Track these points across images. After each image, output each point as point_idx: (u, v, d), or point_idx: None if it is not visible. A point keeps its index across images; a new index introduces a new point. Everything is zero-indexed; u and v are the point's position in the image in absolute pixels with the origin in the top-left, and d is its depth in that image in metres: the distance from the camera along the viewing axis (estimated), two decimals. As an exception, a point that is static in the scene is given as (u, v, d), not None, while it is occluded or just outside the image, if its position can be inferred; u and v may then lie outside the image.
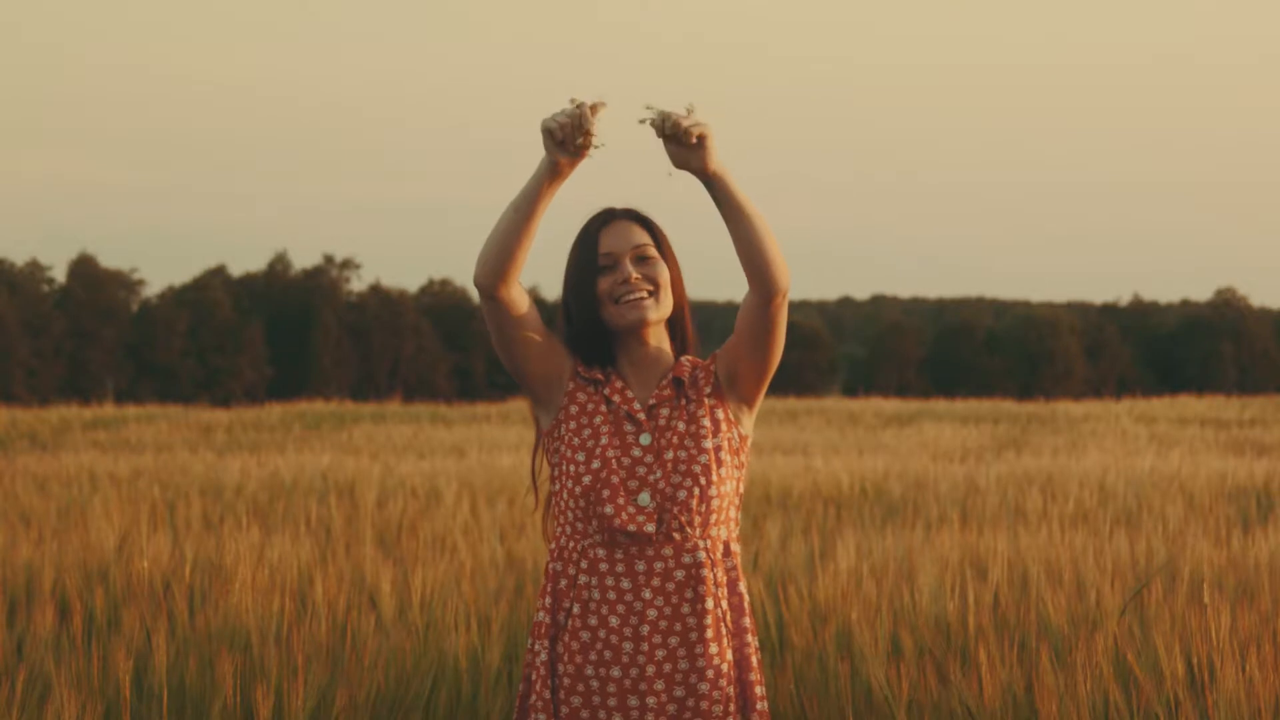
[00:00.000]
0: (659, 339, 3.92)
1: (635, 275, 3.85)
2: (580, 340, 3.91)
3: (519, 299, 3.81)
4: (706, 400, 3.88)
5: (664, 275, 3.88)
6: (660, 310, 3.88)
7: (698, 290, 4.01)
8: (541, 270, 4.25)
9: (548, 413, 3.91)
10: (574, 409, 3.88)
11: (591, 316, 3.88)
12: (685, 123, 3.64)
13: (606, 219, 3.91)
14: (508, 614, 6.29)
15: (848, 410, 32.39)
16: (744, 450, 3.92)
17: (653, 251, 3.88)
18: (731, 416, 3.90)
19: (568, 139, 3.67)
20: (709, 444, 3.84)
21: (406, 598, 6.52)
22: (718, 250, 3.89)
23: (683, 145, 3.67)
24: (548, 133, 3.68)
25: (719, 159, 3.69)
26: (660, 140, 3.71)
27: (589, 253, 3.88)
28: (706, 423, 3.86)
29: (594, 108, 3.67)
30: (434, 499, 12.37)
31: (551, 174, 3.71)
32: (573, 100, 3.68)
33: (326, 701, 5.15)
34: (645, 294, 3.86)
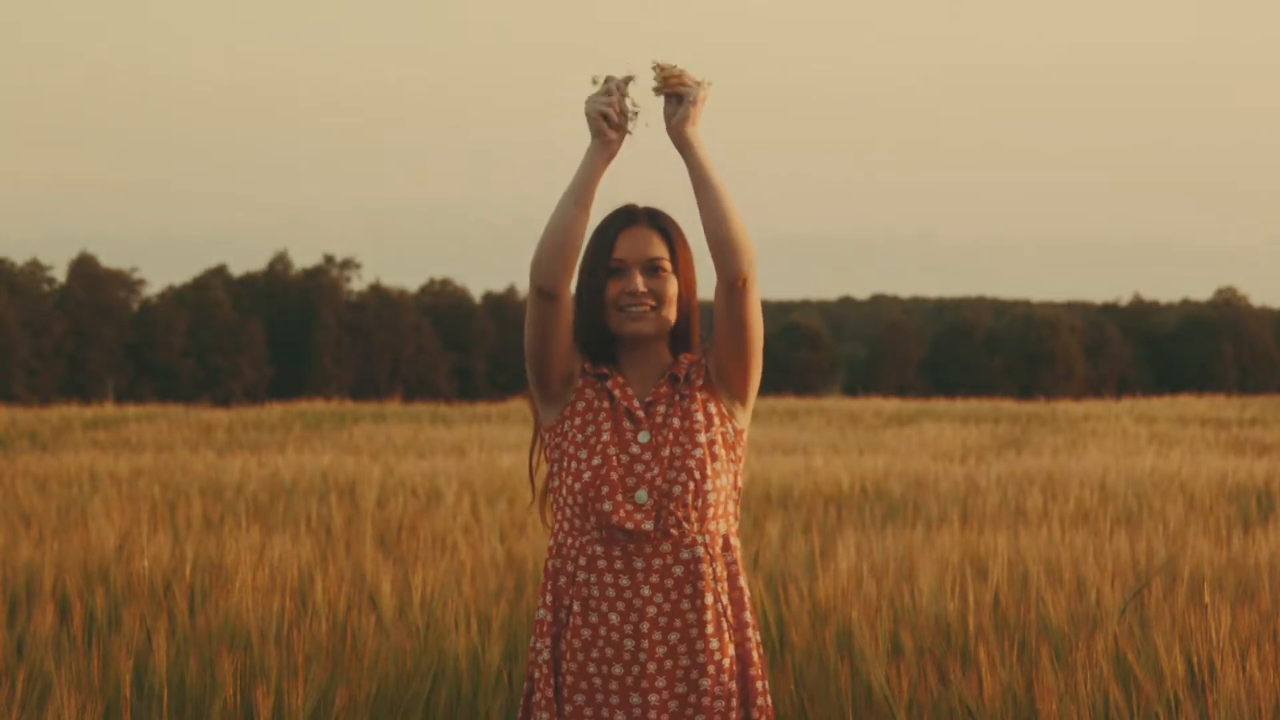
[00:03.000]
0: (659, 341, 3.93)
1: (642, 289, 3.86)
2: (585, 337, 3.91)
3: (570, 296, 3.84)
4: (699, 394, 3.89)
5: (671, 290, 3.88)
6: (660, 324, 3.88)
7: (705, 290, 4.00)
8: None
9: (553, 408, 3.91)
10: (580, 405, 3.88)
11: (597, 317, 3.88)
12: (690, 79, 3.73)
13: (628, 221, 3.90)
14: (508, 613, 6.29)
15: (848, 410, 32.38)
16: (740, 445, 3.92)
17: (666, 265, 3.88)
18: (725, 411, 3.90)
19: (619, 121, 3.72)
20: (702, 438, 3.84)
21: (406, 597, 6.52)
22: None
23: (679, 97, 3.73)
24: (600, 117, 3.71)
25: (697, 132, 3.75)
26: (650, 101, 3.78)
27: (603, 254, 3.88)
28: (700, 417, 3.86)
29: (625, 81, 3.72)
30: (434, 499, 12.36)
31: (606, 155, 3.76)
32: (596, 80, 3.72)
33: (326, 701, 5.15)
34: (648, 308, 3.87)
